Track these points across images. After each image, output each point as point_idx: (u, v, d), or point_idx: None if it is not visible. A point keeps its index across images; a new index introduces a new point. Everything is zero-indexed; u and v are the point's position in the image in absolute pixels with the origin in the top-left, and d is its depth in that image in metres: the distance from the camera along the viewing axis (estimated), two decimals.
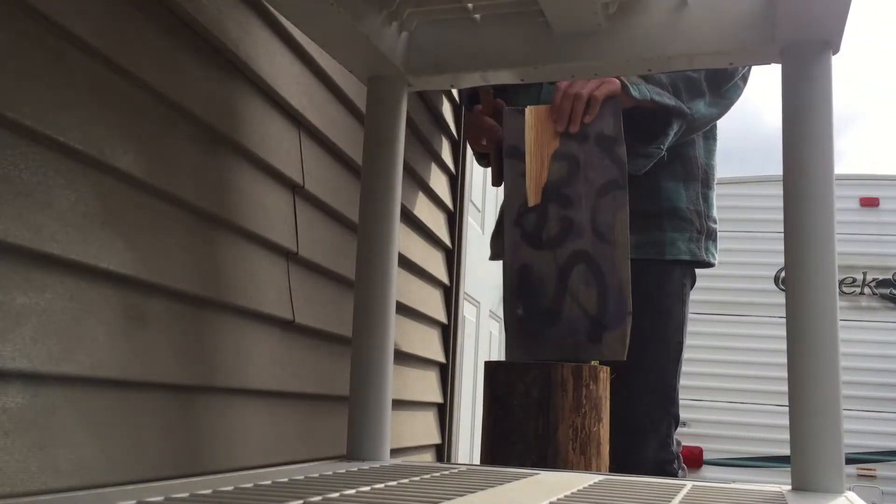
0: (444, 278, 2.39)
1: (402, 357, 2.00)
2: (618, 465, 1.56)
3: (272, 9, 1.28)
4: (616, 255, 1.50)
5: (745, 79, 1.69)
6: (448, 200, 2.41)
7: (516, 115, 1.61)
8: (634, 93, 1.56)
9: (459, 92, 1.97)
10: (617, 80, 1.56)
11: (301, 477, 0.96)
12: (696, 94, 1.62)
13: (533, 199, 1.57)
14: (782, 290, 4.41)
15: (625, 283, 1.49)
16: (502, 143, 1.63)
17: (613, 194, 1.52)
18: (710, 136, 1.79)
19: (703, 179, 1.75)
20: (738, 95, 1.69)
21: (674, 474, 1.65)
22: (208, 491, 0.80)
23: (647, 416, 1.66)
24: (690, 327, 1.84)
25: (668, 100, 1.59)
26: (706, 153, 1.77)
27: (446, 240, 2.40)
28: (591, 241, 1.52)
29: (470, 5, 1.27)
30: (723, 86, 1.66)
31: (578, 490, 0.93)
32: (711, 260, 1.74)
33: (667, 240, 1.68)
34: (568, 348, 1.51)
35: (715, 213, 1.78)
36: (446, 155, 2.39)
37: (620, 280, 1.50)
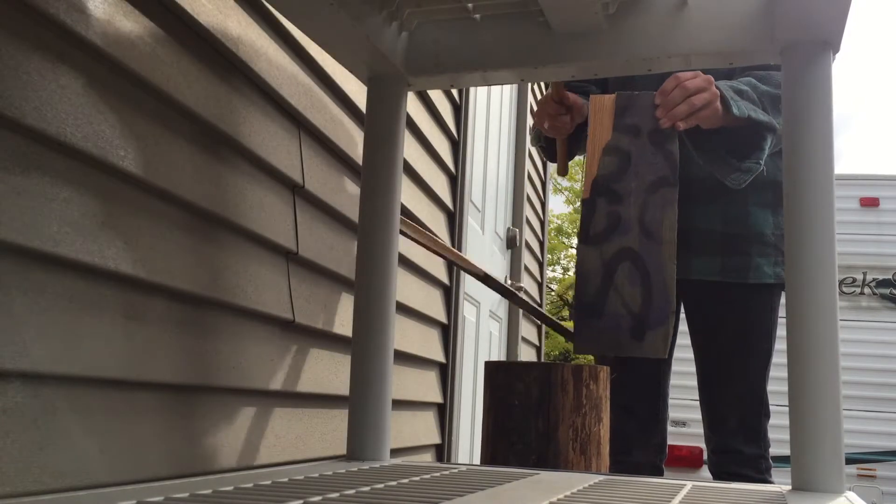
0: (444, 278, 2.39)
1: (402, 357, 2.00)
2: (717, 461, 1.77)
3: (272, 9, 1.28)
4: (662, 253, 1.49)
5: None
6: (448, 200, 2.41)
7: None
8: (735, 110, 1.54)
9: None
10: (718, 100, 1.54)
11: (301, 477, 0.96)
12: (780, 110, 1.63)
13: (585, 192, 1.56)
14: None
15: (669, 281, 1.48)
16: (566, 129, 1.67)
17: (663, 192, 1.50)
18: None
19: None
20: None
21: (765, 468, 1.76)
22: (208, 491, 0.80)
23: (738, 418, 1.77)
24: None
25: (761, 115, 1.58)
26: None
27: (446, 240, 2.39)
28: (638, 238, 1.51)
29: (470, 5, 1.27)
30: None
31: (578, 490, 0.93)
32: None
33: (752, 265, 1.74)
34: (610, 343, 1.50)
35: None
36: (446, 155, 2.39)
37: (665, 278, 1.48)
